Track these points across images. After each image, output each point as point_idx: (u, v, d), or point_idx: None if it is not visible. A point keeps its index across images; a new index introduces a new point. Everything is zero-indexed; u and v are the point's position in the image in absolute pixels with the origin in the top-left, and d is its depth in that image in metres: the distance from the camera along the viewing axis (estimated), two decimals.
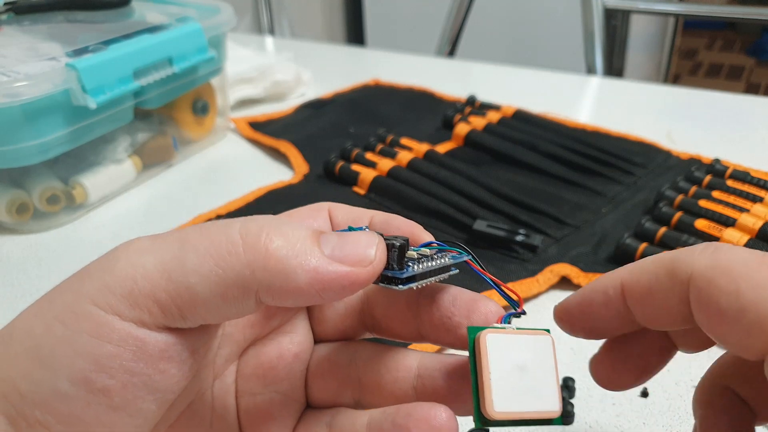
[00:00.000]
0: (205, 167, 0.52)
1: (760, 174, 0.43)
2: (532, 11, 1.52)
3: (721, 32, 2.84)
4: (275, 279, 0.15)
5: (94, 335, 0.14)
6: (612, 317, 0.18)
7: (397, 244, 0.17)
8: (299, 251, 0.15)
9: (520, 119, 0.53)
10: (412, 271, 0.17)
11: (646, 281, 0.17)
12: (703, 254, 0.16)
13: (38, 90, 0.38)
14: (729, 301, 0.14)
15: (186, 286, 0.15)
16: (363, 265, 0.15)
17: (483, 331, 0.17)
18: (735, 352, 0.15)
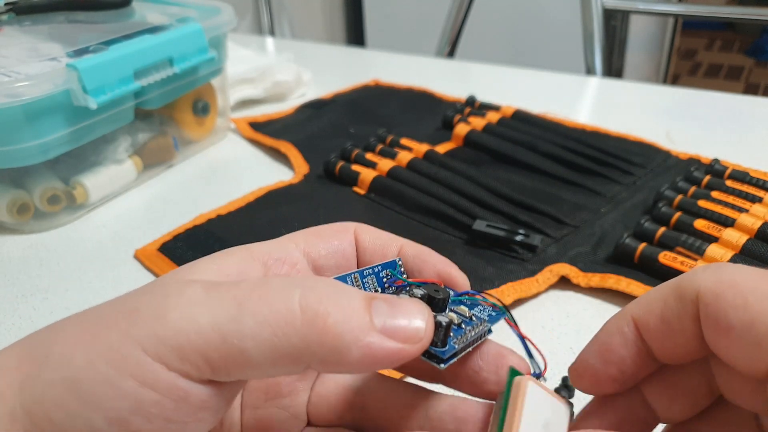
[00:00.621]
0: (205, 167, 0.52)
1: (759, 174, 0.43)
2: (532, 12, 1.52)
3: (720, 33, 2.84)
4: (329, 354, 0.15)
5: (139, 381, 0.14)
6: (634, 359, 0.17)
7: (443, 322, 0.17)
8: (354, 326, 0.15)
9: (519, 119, 0.53)
10: (455, 348, 0.17)
11: (658, 310, 0.16)
12: (707, 272, 0.16)
13: (39, 90, 0.38)
14: (737, 314, 0.14)
15: (240, 350, 0.14)
16: (413, 342, 0.16)
17: (525, 377, 0.17)
18: (743, 370, 0.15)
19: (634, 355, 0.17)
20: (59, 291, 0.37)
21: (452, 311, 0.19)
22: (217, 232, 0.40)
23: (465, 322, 0.18)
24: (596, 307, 0.34)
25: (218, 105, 0.55)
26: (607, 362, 0.17)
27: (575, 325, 0.32)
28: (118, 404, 0.14)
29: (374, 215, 0.42)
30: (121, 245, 0.41)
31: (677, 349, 0.16)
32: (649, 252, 0.35)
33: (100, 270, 0.39)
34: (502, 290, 0.34)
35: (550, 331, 0.32)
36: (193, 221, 0.41)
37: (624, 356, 0.17)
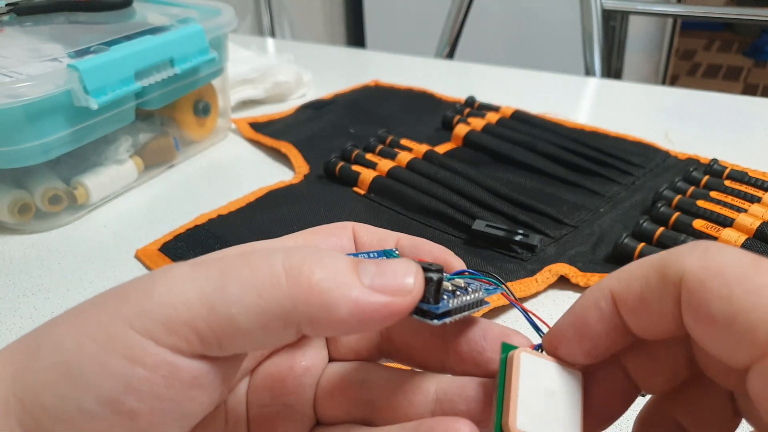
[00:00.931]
0: (206, 168, 0.52)
1: (758, 174, 0.43)
2: (531, 13, 1.52)
3: (719, 33, 2.84)
4: (318, 311, 0.15)
5: (128, 358, 0.14)
6: (609, 332, 0.16)
7: (434, 277, 0.16)
8: (340, 283, 0.15)
9: (518, 120, 0.53)
10: (448, 306, 0.17)
11: (638, 287, 0.16)
12: (693, 253, 0.15)
13: (40, 91, 0.38)
14: (721, 306, 0.14)
15: (227, 317, 0.14)
16: (402, 294, 0.15)
17: (518, 349, 0.17)
18: (721, 359, 0.15)
19: (610, 329, 0.16)
20: (60, 291, 0.37)
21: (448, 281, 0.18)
22: (217, 232, 0.40)
23: (459, 290, 0.18)
24: None
25: (219, 105, 0.55)
26: (582, 335, 0.17)
27: None
28: (108, 383, 0.14)
29: (374, 215, 0.42)
30: (122, 245, 0.41)
31: (654, 327, 0.16)
32: (648, 252, 0.35)
33: (101, 270, 0.39)
34: None
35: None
36: (194, 221, 0.42)
37: (599, 330, 0.17)
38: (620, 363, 0.18)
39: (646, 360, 0.17)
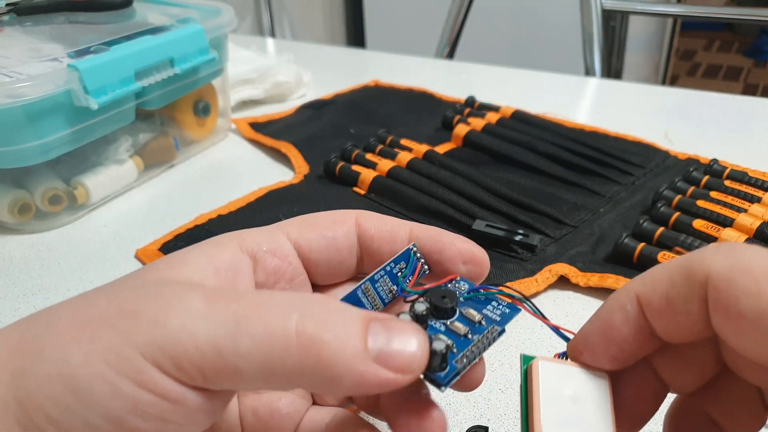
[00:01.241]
0: (206, 168, 0.52)
1: (758, 174, 0.43)
2: (531, 13, 1.52)
3: (719, 33, 2.84)
4: (321, 381, 0.15)
5: (137, 383, 0.14)
6: (635, 336, 0.16)
7: (439, 350, 0.16)
8: (349, 355, 0.15)
9: (518, 120, 0.53)
10: (456, 368, 0.16)
11: (663, 289, 0.16)
12: (719, 253, 0.15)
13: (40, 91, 0.38)
14: (750, 303, 0.14)
15: (234, 368, 0.15)
16: (405, 372, 0.15)
17: (536, 359, 0.17)
18: (751, 357, 0.15)
19: (636, 332, 0.16)
20: (60, 290, 0.37)
21: (462, 314, 0.18)
22: (217, 232, 0.40)
23: (472, 329, 0.17)
24: (595, 307, 0.33)
25: (219, 105, 0.55)
26: (608, 340, 0.17)
27: (574, 325, 0.32)
28: (116, 404, 0.14)
29: None
30: (122, 245, 0.41)
31: (681, 329, 0.16)
32: (648, 252, 0.35)
33: (102, 270, 0.39)
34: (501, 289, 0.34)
35: (549, 331, 0.32)
36: (194, 221, 0.42)
37: (625, 334, 0.16)
38: (650, 364, 0.18)
39: (674, 361, 0.17)
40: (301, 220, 0.20)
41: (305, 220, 0.20)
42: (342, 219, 0.20)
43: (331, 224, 0.20)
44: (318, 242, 0.20)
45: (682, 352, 0.17)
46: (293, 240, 0.20)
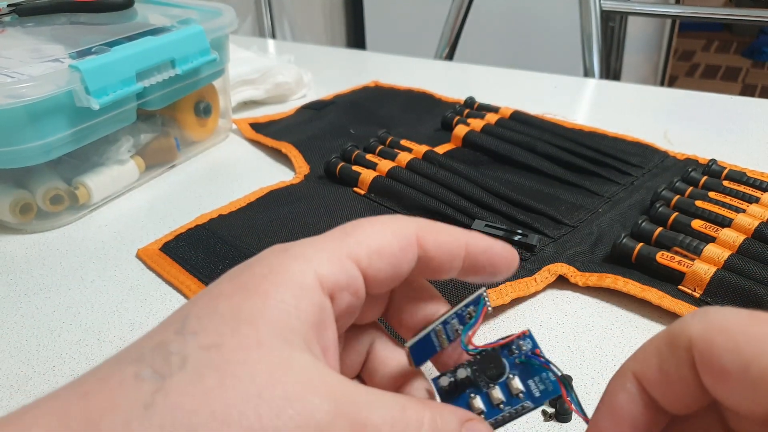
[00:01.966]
0: (207, 168, 0.52)
1: (756, 174, 0.44)
2: (530, 14, 1.52)
3: (718, 34, 2.85)
4: None
5: None
6: (644, 413, 0.17)
7: None
8: None
9: (517, 120, 0.53)
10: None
11: (655, 361, 0.16)
12: (695, 318, 0.16)
13: (42, 91, 0.38)
14: (731, 359, 0.15)
15: None
16: None
17: None
18: (747, 413, 0.15)
19: (643, 409, 0.17)
20: (62, 290, 0.37)
21: (506, 379, 0.19)
22: (218, 232, 0.40)
23: (507, 400, 0.18)
24: (594, 306, 0.34)
25: (220, 106, 0.55)
26: (618, 422, 0.17)
27: (573, 324, 0.33)
28: None
29: (374, 215, 0.42)
30: (123, 245, 0.41)
31: (682, 398, 0.16)
32: (646, 252, 0.35)
33: (103, 269, 0.39)
34: (501, 289, 0.34)
35: (548, 330, 0.32)
36: (195, 221, 0.42)
37: (633, 413, 0.17)
38: None
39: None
40: (367, 239, 0.19)
41: (371, 240, 0.19)
42: (408, 243, 0.19)
43: (398, 251, 0.19)
44: (385, 272, 0.19)
45: (691, 424, 0.18)
46: (363, 269, 0.18)
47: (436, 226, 0.20)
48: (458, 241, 0.20)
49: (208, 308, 0.16)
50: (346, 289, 0.18)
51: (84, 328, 0.34)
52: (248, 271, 0.17)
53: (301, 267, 0.17)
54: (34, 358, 0.32)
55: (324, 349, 0.17)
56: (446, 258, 0.20)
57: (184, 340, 0.15)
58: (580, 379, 0.29)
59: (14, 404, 0.29)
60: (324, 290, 0.17)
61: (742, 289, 0.32)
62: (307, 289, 0.17)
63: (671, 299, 0.32)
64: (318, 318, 0.17)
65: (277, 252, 0.18)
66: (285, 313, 0.16)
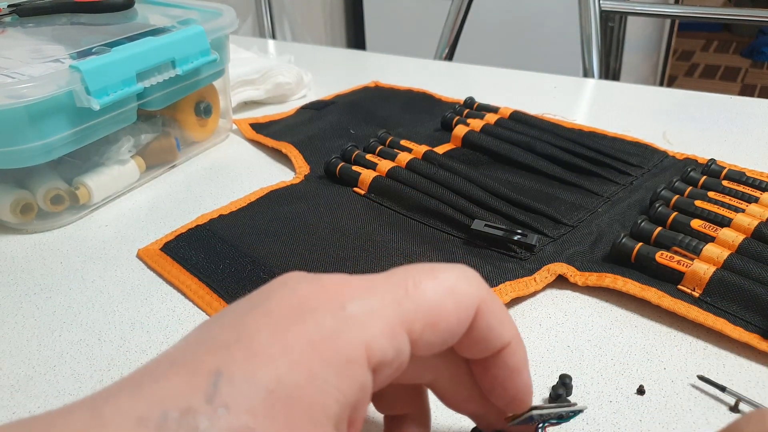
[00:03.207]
0: (207, 168, 0.52)
1: (756, 174, 0.44)
2: (530, 14, 1.52)
3: (717, 34, 2.85)
4: None
5: None
6: None
7: None
8: None
9: (517, 121, 0.53)
10: None
11: None
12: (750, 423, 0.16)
13: (42, 91, 0.38)
14: None
15: None
16: None
17: None
18: None
19: None
20: (62, 290, 0.37)
21: None
22: (219, 232, 0.40)
23: None
24: (593, 306, 0.34)
25: (220, 106, 0.55)
26: None
27: (572, 324, 0.33)
28: None
29: (374, 215, 0.42)
30: (123, 245, 0.41)
31: None
32: (645, 251, 0.35)
33: (103, 269, 0.39)
34: (501, 289, 0.34)
35: (548, 330, 0.32)
36: (196, 221, 0.42)
37: None
38: None
39: None
40: (427, 307, 0.17)
41: (431, 309, 0.17)
42: (466, 317, 0.18)
43: (455, 326, 0.18)
44: (433, 347, 0.18)
45: None
46: (413, 341, 0.17)
47: (496, 306, 0.19)
48: (503, 338, 0.19)
49: (245, 371, 0.15)
50: (391, 365, 0.17)
51: (84, 327, 0.34)
52: (296, 328, 0.16)
53: (353, 338, 0.16)
54: (35, 358, 0.32)
55: (351, 423, 0.17)
56: (482, 346, 0.19)
57: (216, 415, 0.14)
58: (579, 379, 0.29)
59: (15, 404, 0.29)
60: (370, 365, 0.16)
61: (742, 289, 0.32)
62: (353, 366, 0.16)
63: (671, 299, 0.32)
64: (357, 398, 0.16)
65: (333, 306, 0.16)
66: (325, 395, 0.15)
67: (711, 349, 0.31)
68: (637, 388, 0.28)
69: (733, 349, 0.30)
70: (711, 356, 0.30)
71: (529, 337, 0.32)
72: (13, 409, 0.29)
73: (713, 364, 0.30)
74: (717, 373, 0.29)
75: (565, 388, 0.29)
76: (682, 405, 0.27)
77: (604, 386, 0.29)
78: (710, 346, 0.31)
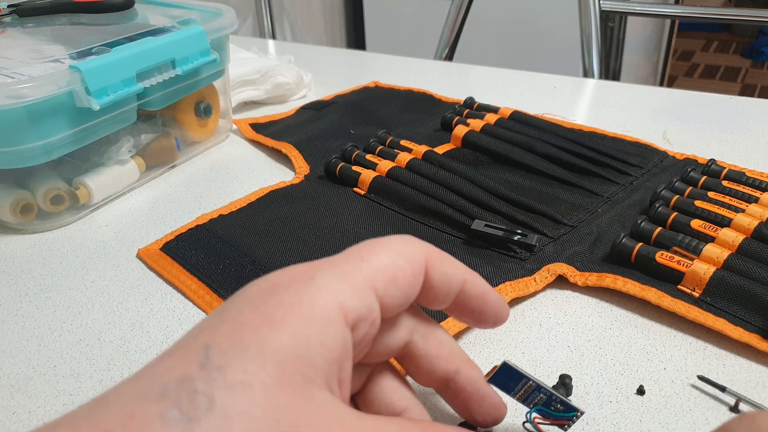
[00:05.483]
0: (207, 168, 0.52)
1: (756, 174, 0.44)
2: (529, 15, 1.53)
3: (717, 34, 2.85)
4: None
5: None
6: None
7: None
8: None
9: (517, 121, 0.53)
10: None
11: None
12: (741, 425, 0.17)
13: (42, 91, 0.38)
14: None
15: None
16: None
17: None
18: None
19: None
20: (62, 290, 0.37)
21: None
22: (219, 232, 0.40)
23: None
24: (593, 306, 0.34)
25: (220, 106, 0.55)
26: None
27: (572, 324, 0.33)
28: None
29: (374, 215, 0.42)
30: (123, 245, 0.41)
31: None
32: (645, 251, 0.35)
33: (103, 269, 0.39)
34: (501, 289, 0.34)
35: (548, 330, 0.32)
36: (196, 221, 0.42)
37: None
38: None
39: None
40: (383, 266, 0.19)
41: (387, 267, 0.19)
42: (418, 270, 0.20)
43: (411, 278, 0.20)
44: (399, 300, 0.19)
45: None
46: (379, 297, 0.19)
47: (442, 256, 0.21)
48: (458, 277, 0.21)
49: (233, 340, 0.16)
50: (366, 320, 0.18)
51: (84, 328, 0.34)
52: (273, 299, 0.17)
53: (327, 300, 0.18)
54: (35, 358, 0.32)
55: (340, 382, 0.18)
56: (444, 290, 0.21)
57: (210, 377, 0.15)
58: (579, 379, 0.29)
59: (15, 404, 0.29)
60: (347, 323, 0.18)
61: (742, 289, 0.32)
62: (332, 324, 0.17)
63: (670, 299, 0.32)
64: (340, 353, 0.17)
65: (302, 279, 0.18)
66: (311, 350, 0.16)
67: (711, 349, 0.31)
68: (637, 388, 0.28)
69: (733, 349, 0.30)
70: (711, 356, 0.30)
71: (529, 337, 0.32)
72: (13, 409, 0.29)
73: (713, 364, 0.30)
74: (717, 373, 0.29)
75: (565, 388, 0.29)
76: (682, 405, 0.27)
77: (604, 386, 0.29)
78: (710, 346, 0.31)
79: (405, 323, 0.21)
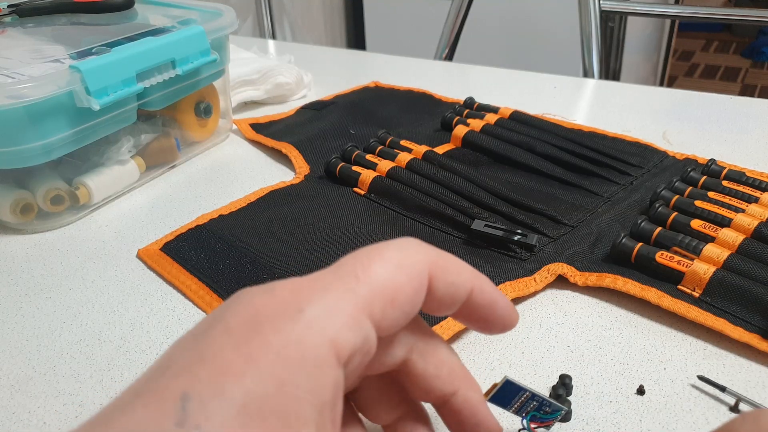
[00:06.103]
0: (207, 168, 0.52)
1: (756, 174, 0.44)
2: (529, 15, 1.52)
3: (717, 34, 2.85)
4: None
5: None
6: None
7: None
8: None
9: (517, 121, 0.53)
10: None
11: None
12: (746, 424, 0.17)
13: (42, 92, 0.38)
14: None
15: None
16: None
17: None
18: None
19: None
20: (62, 290, 0.37)
21: None
22: (219, 232, 0.40)
23: None
24: (593, 306, 0.34)
25: (220, 106, 0.55)
26: None
27: (572, 324, 0.33)
28: None
29: (374, 215, 0.42)
30: (123, 245, 0.41)
31: None
32: (645, 251, 0.35)
33: (103, 269, 0.39)
34: (501, 289, 0.34)
35: (548, 330, 0.32)
36: (196, 221, 0.42)
37: None
38: None
39: None
40: (381, 287, 0.17)
41: (385, 287, 0.18)
42: (420, 285, 0.18)
43: (413, 296, 0.18)
44: (396, 322, 0.18)
45: None
46: (376, 322, 0.17)
47: (447, 263, 0.19)
48: (464, 286, 0.19)
49: (213, 389, 0.14)
50: (360, 351, 0.17)
51: (84, 328, 0.34)
52: (258, 339, 0.16)
53: (317, 339, 0.16)
54: (35, 358, 0.32)
55: (332, 422, 0.16)
56: (448, 301, 0.19)
57: None
58: (579, 379, 0.29)
59: (15, 404, 0.29)
60: (340, 362, 0.16)
61: (742, 289, 0.32)
62: (323, 366, 0.16)
63: (670, 299, 0.32)
64: (332, 395, 0.16)
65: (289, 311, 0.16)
66: (299, 402, 0.15)
67: (711, 349, 0.31)
68: (637, 388, 0.28)
69: (733, 349, 0.30)
70: (711, 356, 0.30)
71: (529, 337, 0.32)
72: (13, 409, 0.29)
73: (713, 364, 0.30)
74: (717, 373, 0.29)
75: (565, 388, 0.29)
76: (682, 405, 0.27)
77: (604, 386, 0.29)
78: (710, 346, 0.31)
79: (403, 340, 0.20)
